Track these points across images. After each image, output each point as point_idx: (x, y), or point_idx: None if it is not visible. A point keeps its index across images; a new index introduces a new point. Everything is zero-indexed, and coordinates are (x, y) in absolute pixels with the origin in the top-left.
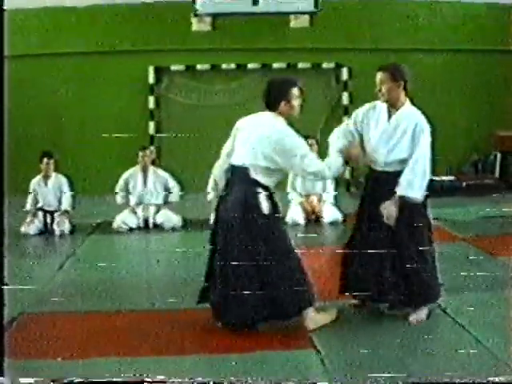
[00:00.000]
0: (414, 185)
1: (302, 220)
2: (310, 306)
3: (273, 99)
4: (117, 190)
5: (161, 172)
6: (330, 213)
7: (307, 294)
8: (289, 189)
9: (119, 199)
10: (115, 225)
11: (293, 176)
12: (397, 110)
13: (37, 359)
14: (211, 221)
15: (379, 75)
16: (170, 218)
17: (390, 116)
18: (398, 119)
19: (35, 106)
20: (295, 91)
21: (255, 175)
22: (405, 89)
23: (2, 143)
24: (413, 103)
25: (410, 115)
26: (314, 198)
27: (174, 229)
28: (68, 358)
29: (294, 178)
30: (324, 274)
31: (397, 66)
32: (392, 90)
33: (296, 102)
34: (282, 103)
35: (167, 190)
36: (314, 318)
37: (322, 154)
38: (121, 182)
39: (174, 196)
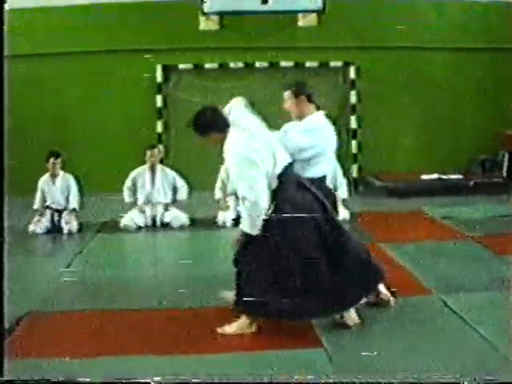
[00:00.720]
0: None
1: None
2: None
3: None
4: (124, 188)
5: (169, 171)
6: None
7: None
8: None
9: (127, 198)
10: (123, 223)
11: None
12: None
13: (43, 358)
14: (221, 221)
15: (284, 94)
16: (177, 217)
17: None
18: None
19: (43, 105)
20: None
21: None
22: (311, 101)
23: (1, 143)
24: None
25: None
26: None
27: (181, 227)
28: (75, 357)
29: None
30: None
31: (297, 83)
32: (296, 105)
33: None
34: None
35: (175, 188)
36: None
37: None
38: (128, 180)
39: (182, 195)
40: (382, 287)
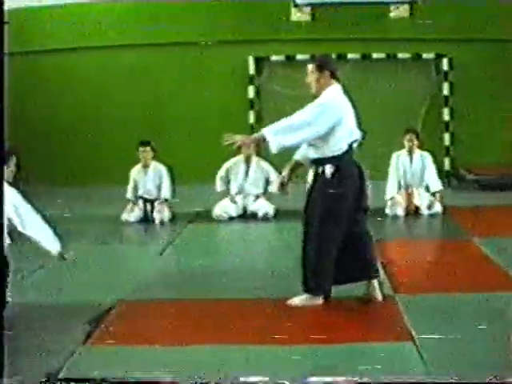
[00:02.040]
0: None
1: (401, 212)
2: None
3: None
4: (218, 178)
5: (264, 164)
6: (429, 205)
7: None
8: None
9: (219, 187)
10: (215, 213)
11: (394, 169)
12: None
13: (134, 346)
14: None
15: (308, 67)
16: (263, 206)
17: None
18: None
19: (138, 95)
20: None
21: None
22: (334, 77)
23: (1, 141)
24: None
25: None
26: (414, 190)
27: (267, 218)
28: (166, 346)
29: (395, 171)
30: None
31: (321, 57)
32: (316, 80)
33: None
34: None
35: (267, 181)
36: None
37: (424, 148)
38: (222, 170)
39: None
40: (376, 283)
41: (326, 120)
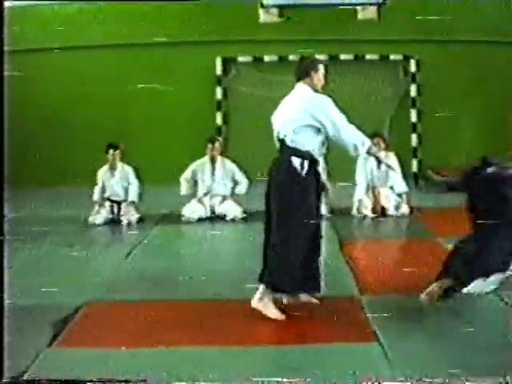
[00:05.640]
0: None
1: (368, 213)
2: None
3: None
4: (182, 179)
5: (228, 163)
6: (396, 206)
7: None
8: (357, 183)
9: (184, 189)
10: (184, 215)
11: (362, 170)
12: None
13: (100, 348)
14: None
15: None
16: (232, 209)
17: None
18: None
19: (102, 96)
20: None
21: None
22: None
23: (1, 142)
24: None
25: None
26: (380, 191)
27: (234, 220)
28: (132, 347)
29: (362, 173)
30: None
31: (300, 64)
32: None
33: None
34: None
35: (234, 181)
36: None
37: (392, 150)
38: (188, 172)
39: (241, 188)
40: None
41: None
